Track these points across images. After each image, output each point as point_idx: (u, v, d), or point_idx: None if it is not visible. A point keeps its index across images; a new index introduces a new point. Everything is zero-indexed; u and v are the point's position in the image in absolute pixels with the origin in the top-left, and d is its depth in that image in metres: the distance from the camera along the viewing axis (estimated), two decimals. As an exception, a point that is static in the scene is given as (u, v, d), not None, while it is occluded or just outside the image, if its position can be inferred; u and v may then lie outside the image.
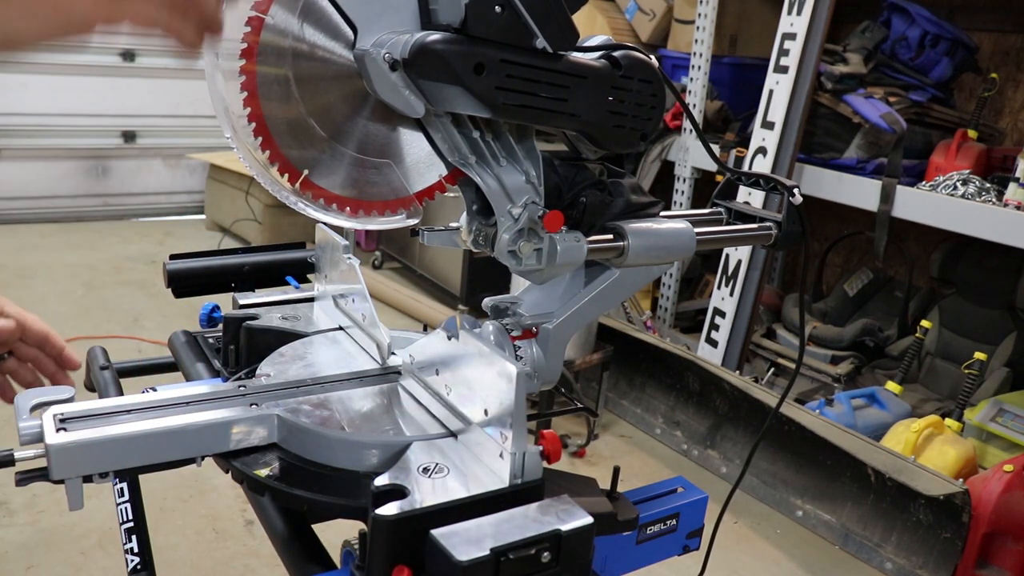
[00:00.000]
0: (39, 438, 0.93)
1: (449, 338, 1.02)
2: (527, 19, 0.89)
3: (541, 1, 0.90)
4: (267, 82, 0.91)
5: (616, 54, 0.99)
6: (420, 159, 1.03)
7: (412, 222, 1.05)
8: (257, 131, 0.92)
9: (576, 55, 0.97)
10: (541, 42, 0.91)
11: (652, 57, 1.02)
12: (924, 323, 3.43)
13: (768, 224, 1.22)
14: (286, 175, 0.95)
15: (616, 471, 1.06)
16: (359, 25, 0.91)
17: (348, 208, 1.00)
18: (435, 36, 0.86)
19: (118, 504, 1.25)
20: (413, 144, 1.02)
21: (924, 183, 3.27)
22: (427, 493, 0.87)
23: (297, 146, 0.95)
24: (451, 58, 0.86)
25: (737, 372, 3.34)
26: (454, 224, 1.05)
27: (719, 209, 1.29)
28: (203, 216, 5.95)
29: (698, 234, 1.12)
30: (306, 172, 0.96)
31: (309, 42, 0.92)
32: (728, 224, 1.27)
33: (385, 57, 0.88)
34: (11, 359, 1.16)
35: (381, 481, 0.88)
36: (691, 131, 3.93)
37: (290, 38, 0.91)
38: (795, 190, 1.17)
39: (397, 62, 0.88)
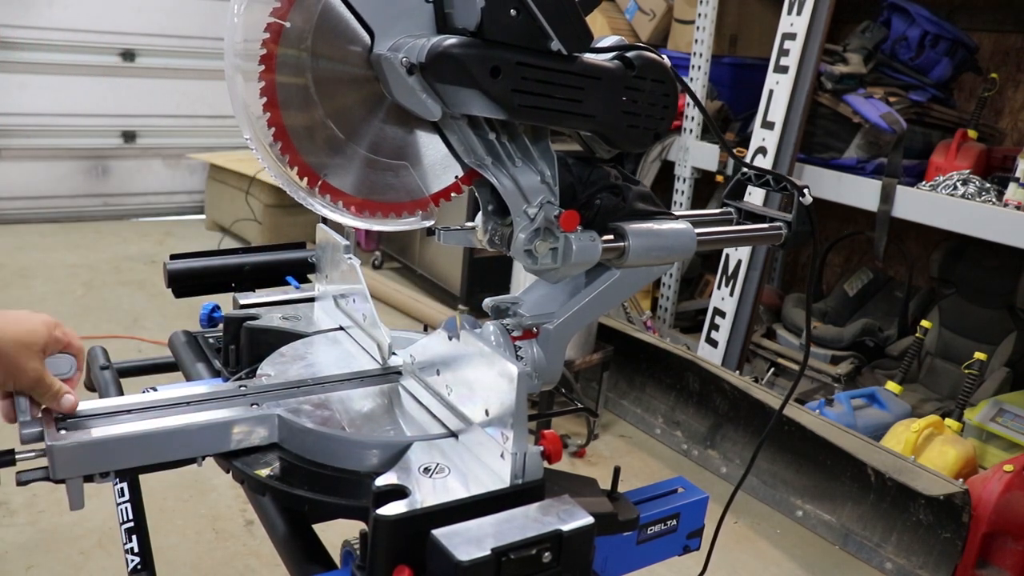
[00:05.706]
0: (40, 438, 0.93)
1: (450, 338, 1.02)
2: (542, 22, 0.90)
3: (555, 4, 0.90)
4: (286, 87, 0.91)
5: (629, 55, 1.00)
6: (436, 161, 1.04)
7: (427, 223, 1.05)
8: (276, 135, 0.92)
9: (590, 56, 0.98)
10: (556, 44, 0.92)
11: (664, 57, 1.03)
12: (924, 323, 3.43)
13: (779, 224, 1.23)
14: (305, 178, 0.95)
15: (616, 471, 1.06)
16: (376, 30, 0.92)
17: (366, 210, 1.00)
18: (452, 40, 0.87)
19: (118, 504, 1.25)
20: (429, 146, 1.03)
21: (924, 183, 3.27)
22: (428, 493, 0.87)
23: (315, 150, 0.95)
24: (468, 62, 0.87)
25: (737, 372, 3.34)
26: (470, 224, 1.06)
27: (729, 209, 1.30)
28: (203, 216, 5.95)
29: (707, 234, 1.13)
30: (325, 176, 0.96)
31: (327, 47, 0.92)
32: (739, 224, 1.28)
33: (402, 61, 0.89)
34: None
35: (382, 481, 0.88)
36: (691, 131, 3.93)
37: (308, 43, 0.91)
38: (805, 190, 1.18)
39: (414, 66, 0.88)
